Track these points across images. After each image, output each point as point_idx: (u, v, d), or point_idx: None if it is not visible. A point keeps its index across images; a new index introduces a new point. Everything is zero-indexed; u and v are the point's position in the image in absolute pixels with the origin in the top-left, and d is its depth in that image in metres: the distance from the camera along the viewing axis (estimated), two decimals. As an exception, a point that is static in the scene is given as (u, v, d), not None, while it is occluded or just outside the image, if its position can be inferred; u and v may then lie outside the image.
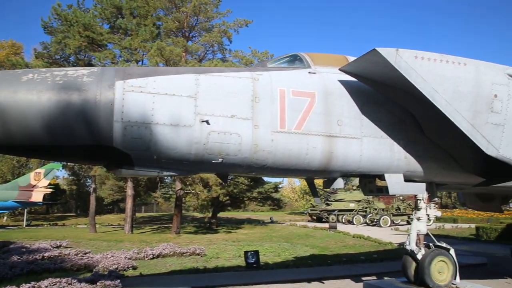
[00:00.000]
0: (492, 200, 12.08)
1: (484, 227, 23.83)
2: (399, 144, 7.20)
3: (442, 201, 66.38)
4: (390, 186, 7.28)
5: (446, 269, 7.63)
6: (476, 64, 6.90)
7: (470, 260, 14.42)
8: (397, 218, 35.81)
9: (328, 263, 14.00)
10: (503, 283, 10.61)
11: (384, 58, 6.16)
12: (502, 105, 6.94)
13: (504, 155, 6.94)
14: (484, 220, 34.42)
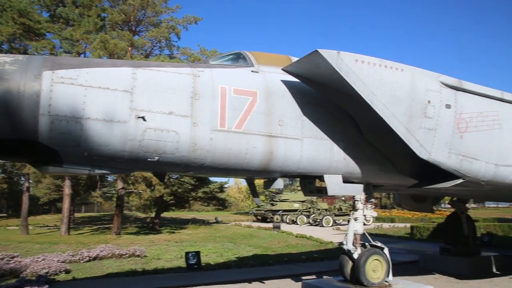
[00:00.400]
0: (425, 201, 12.71)
1: (418, 226, 25.12)
2: (339, 146, 7.33)
3: (381, 201, 69.33)
4: (329, 187, 7.39)
5: (380, 267, 7.86)
6: (412, 70, 7.17)
7: (403, 258, 15.12)
8: (339, 218, 36.83)
9: (270, 263, 14.08)
10: (432, 279, 11.18)
11: (326, 60, 6.23)
12: (434, 110, 7.25)
13: (435, 159, 7.25)
14: (419, 220, 36.27)
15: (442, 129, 7.32)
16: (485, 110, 7.99)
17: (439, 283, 10.53)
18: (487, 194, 11.72)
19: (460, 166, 7.53)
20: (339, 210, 38.41)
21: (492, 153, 7.92)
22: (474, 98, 7.93)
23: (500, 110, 8.22)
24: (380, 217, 41.96)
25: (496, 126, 8.07)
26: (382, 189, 9.94)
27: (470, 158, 7.63)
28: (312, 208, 39.35)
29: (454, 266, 12.23)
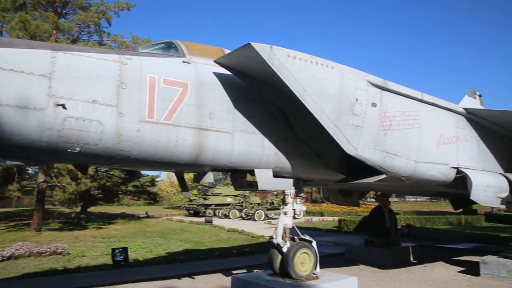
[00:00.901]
0: (352, 195, 13.26)
1: (345, 220, 26.27)
2: (270, 141, 7.34)
3: (312, 195, 71.65)
4: (260, 182, 7.38)
5: (308, 260, 8.01)
6: (341, 68, 7.36)
7: (331, 250, 15.69)
8: (271, 212, 37.46)
9: (201, 258, 13.92)
10: (356, 270, 11.67)
11: (258, 53, 6.19)
12: (361, 108, 7.51)
13: (361, 155, 7.54)
14: (346, 214, 37.96)
15: (368, 126, 7.61)
16: (407, 110, 8.45)
17: (363, 273, 11.02)
18: (407, 189, 12.45)
19: (384, 162, 7.90)
20: (271, 204, 39.05)
21: (412, 150, 8.40)
22: (398, 98, 8.35)
23: (420, 110, 8.74)
24: (310, 211, 43.41)
25: (416, 125, 8.57)
26: (311, 184, 10.18)
27: (392, 155, 8.03)
28: (244, 202, 39.62)
29: (377, 257, 12.87)
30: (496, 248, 15.04)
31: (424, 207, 61.36)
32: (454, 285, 9.56)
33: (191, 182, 12.23)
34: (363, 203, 48.08)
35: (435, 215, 32.02)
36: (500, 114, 9.95)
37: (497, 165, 10.59)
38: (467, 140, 9.92)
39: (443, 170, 9.12)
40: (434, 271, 11.46)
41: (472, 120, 10.18)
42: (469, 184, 9.17)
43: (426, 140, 8.78)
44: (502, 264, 10.09)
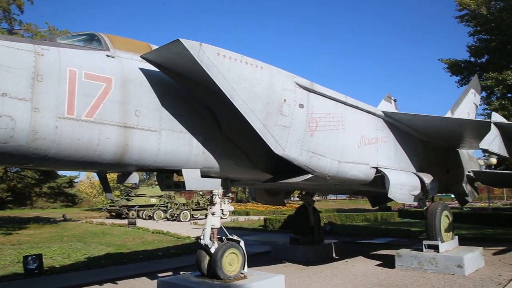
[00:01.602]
0: (278, 195, 13.50)
1: (270, 219, 26.74)
2: (198, 140, 7.18)
3: (237, 195, 72.16)
4: (187, 182, 7.19)
5: (236, 260, 8.00)
6: (270, 69, 7.43)
7: (257, 249, 15.86)
8: (196, 213, 37.13)
9: (123, 261, 13.37)
10: (282, 267, 11.90)
11: (188, 50, 6.01)
12: (289, 109, 7.64)
13: (288, 155, 7.66)
14: (271, 213, 38.71)
15: (296, 127, 7.76)
16: (332, 112, 8.76)
17: (289, 271, 11.25)
18: (331, 188, 12.95)
19: (310, 162, 8.11)
20: (197, 204, 38.71)
21: (336, 151, 8.73)
22: (323, 100, 8.63)
23: (343, 112, 9.12)
24: (236, 211, 43.66)
25: (340, 126, 8.93)
26: (239, 184, 10.18)
27: (318, 155, 8.28)
28: (169, 203, 38.91)
29: (302, 254, 13.23)
30: (408, 241, 16.23)
31: (344, 205, 64.65)
32: (372, 278, 10.10)
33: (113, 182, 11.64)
34: (288, 202, 49.43)
35: (354, 212, 33.81)
36: (413, 118, 10.71)
37: (410, 165, 11.41)
38: (385, 141, 10.56)
39: (364, 169, 9.61)
40: (354, 265, 12.03)
41: (390, 122, 10.86)
42: (387, 183, 9.76)
43: (349, 141, 9.18)
44: (414, 257, 10.86)
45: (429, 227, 11.20)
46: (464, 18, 27.47)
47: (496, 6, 25.62)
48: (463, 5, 26.73)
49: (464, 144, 13.24)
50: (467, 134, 11.68)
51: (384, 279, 9.95)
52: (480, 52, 27.34)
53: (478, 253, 11.15)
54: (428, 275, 10.14)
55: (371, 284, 9.41)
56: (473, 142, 12.34)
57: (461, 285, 9.03)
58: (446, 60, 28.84)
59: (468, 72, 27.72)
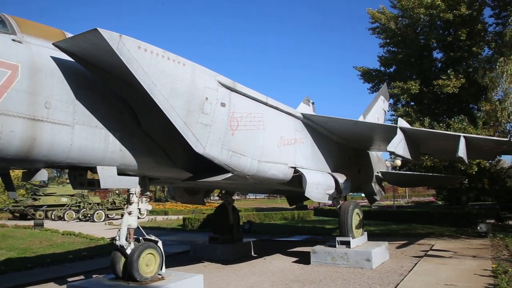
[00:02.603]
0: (198, 194, 13.36)
1: (189, 218, 26.47)
2: (115, 136, 6.82)
3: (156, 194, 70.38)
4: (103, 180, 6.81)
5: (154, 261, 7.79)
6: (193, 66, 7.33)
7: (176, 249, 15.61)
8: (112, 212, 35.57)
9: (28, 266, 12.34)
10: (201, 267, 11.84)
11: (106, 41, 5.70)
12: (211, 107, 7.61)
13: (209, 153, 7.63)
14: (190, 212, 38.34)
15: (217, 125, 7.75)
16: (253, 112, 8.90)
17: (208, 270, 11.21)
18: (250, 187, 13.13)
19: (231, 161, 8.15)
20: (113, 204, 37.11)
21: (256, 150, 8.88)
22: (245, 100, 8.73)
23: (264, 113, 9.31)
24: (154, 210, 42.61)
25: (261, 126, 9.10)
26: (157, 182, 9.91)
27: (239, 154, 8.35)
28: (82, 203, 36.80)
29: (221, 253, 13.28)
30: (322, 238, 17.01)
31: (263, 204, 66.10)
32: (289, 274, 10.43)
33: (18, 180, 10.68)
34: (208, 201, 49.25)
35: (273, 211, 34.66)
36: (329, 120, 11.27)
37: (326, 165, 11.98)
38: (303, 142, 10.97)
39: (283, 169, 9.89)
40: (272, 263, 12.34)
41: (308, 124, 11.31)
42: (304, 182, 10.15)
43: (269, 141, 9.39)
44: (327, 252, 11.42)
45: (342, 224, 11.84)
46: (376, 30, 29.54)
47: (402, 22, 27.95)
48: (375, 19, 28.76)
49: (374, 147, 14.25)
50: (377, 137, 12.58)
51: (300, 275, 10.32)
52: (388, 62, 29.57)
53: (384, 248, 12.04)
54: (341, 269, 10.72)
55: (287, 280, 9.70)
56: (381, 145, 13.31)
57: (369, 278, 9.67)
58: (359, 68, 30.74)
59: (379, 80, 29.82)
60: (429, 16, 26.36)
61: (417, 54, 27.92)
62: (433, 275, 9.47)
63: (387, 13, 28.48)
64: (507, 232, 17.35)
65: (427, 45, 27.81)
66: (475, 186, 30.48)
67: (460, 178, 23.52)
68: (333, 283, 9.25)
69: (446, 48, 27.44)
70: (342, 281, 9.43)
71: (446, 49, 27.46)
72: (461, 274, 9.53)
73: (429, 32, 27.21)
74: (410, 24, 27.61)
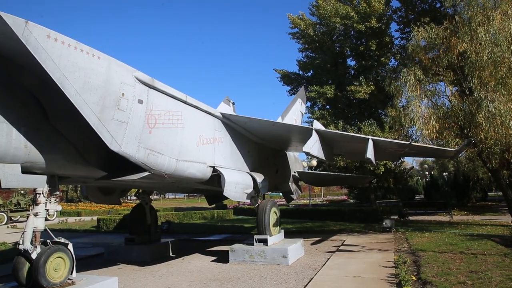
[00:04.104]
0: (113, 193, 12.81)
1: (104, 219, 25.32)
2: (19, 131, 6.33)
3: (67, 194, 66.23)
4: (4, 178, 6.27)
5: (63, 265, 7.34)
6: (109, 60, 7.04)
7: (89, 252, 14.86)
8: (16, 215, 32.80)
9: None
10: (116, 269, 11.41)
11: (9, 27, 5.26)
12: (127, 104, 7.37)
13: (125, 151, 7.36)
14: (105, 213, 36.66)
15: (134, 123, 7.53)
16: (172, 110, 8.78)
17: (123, 272, 10.85)
18: (168, 186, 12.90)
19: (148, 159, 7.95)
20: (17, 205, 34.18)
21: (175, 149, 8.77)
22: (164, 97, 8.58)
23: (183, 111, 9.22)
24: (65, 211, 40.26)
25: (180, 125, 9.00)
26: (69, 181, 9.32)
27: (156, 153, 8.18)
28: (-18, 204, 33.38)
29: (137, 254, 12.90)
30: (241, 237, 17.24)
31: (182, 203, 65.24)
32: (208, 273, 10.44)
33: None
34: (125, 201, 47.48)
35: (192, 210, 34.39)
36: (249, 121, 11.48)
37: (244, 165, 12.18)
38: (222, 141, 11.05)
39: (202, 168, 9.87)
40: (191, 262, 12.26)
41: (227, 124, 11.41)
42: (223, 182, 10.22)
43: (188, 140, 9.32)
44: (246, 251, 11.62)
45: (260, 222, 12.11)
46: (295, 35, 30.69)
47: (320, 30, 29.39)
48: (294, 24, 29.89)
49: (291, 147, 14.79)
50: (293, 138, 13.07)
51: (218, 273, 10.38)
52: (307, 67, 30.90)
53: (299, 244, 12.55)
54: (258, 266, 10.97)
55: (206, 280, 9.71)
56: (298, 146, 13.86)
57: (285, 274, 10.02)
58: (279, 71, 31.72)
59: (297, 83, 31.04)
60: (344, 26, 28.05)
61: (333, 61, 29.57)
62: (343, 268, 10.07)
63: (306, 20, 29.77)
64: (408, 226, 18.96)
65: (342, 52, 29.57)
66: (382, 185, 33.04)
67: (369, 177, 25.31)
68: (250, 280, 9.44)
69: (358, 57, 29.42)
70: (260, 278, 9.66)
71: (358, 57, 29.44)
72: (368, 266, 10.26)
73: (343, 40, 28.94)
74: (327, 32, 29.13)
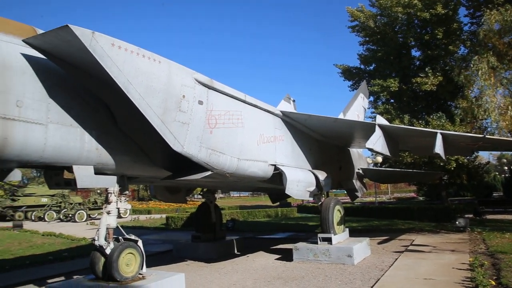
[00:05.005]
0: (179, 192, 13.29)
1: (172, 217, 26.32)
2: (91, 135, 6.76)
3: (139, 193, 69.77)
4: (79, 179, 6.72)
5: (134, 260, 7.72)
6: (169, 63, 7.29)
7: (159, 248, 15.52)
8: (94, 212, 35.15)
9: (6, 269, 12.12)
10: (184, 266, 11.81)
11: (78, 38, 5.62)
12: (188, 105, 7.58)
13: (187, 151, 7.59)
14: (174, 211, 38.11)
15: (195, 123, 7.72)
16: (232, 109, 8.90)
17: (190, 269, 11.18)
18: (231, 185, 13.13)
19: (209, 159, 8.13)
20: (94, 203, 36.66)
21: (235, 148, 8.88)
22: (223, 98, 8.72)
23: (243, 110, 9.31)
24: (137, 209, 42.29)
25: (240, 124, 9.11)
26: (137, 181, 9.81)
27: (218, 152, 8.34)
28: (63, 203, 36.29)
29: (204, 251, 13.24)
30: (305, 235, 17.12)
31: (247, 201, 66.08)
32: (272, 272, 10.46)
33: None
34: (191, 200, 49.08)
35: (256, 209, 34.71)
36: (309, 118, 11.34)
37: (306, 162, 12.06)
38: (283, 140, 11.02)
39: (263, 167, 9.91)
40: (255, 260, 12.36)
41: (287, 122, 11.36)
42: (284, 180, 10.19)
43: (248, 139, 9.40)
44: (310, 249, 11.50)
45: (323, 220, 11.92)
46: (355, 28, 29.84)
47: (381, 21, 28.30)
48: (354, 17, 29.08)
49: (354, 144, 14.40)
50: (356, 134, 12.71)
51: (282, 272, 10.37)
52: (368, 60, 29.93)
53: (365, 243, 12.18)
54: (323, 265, 10.81)
55: (270, 278, 9.74)
56: (361, 142, 13.46)
57: (350, 273, 9.78)
58: (340, 66, 31.02)
59: (359, 78, 30.18)
60: (406, 15, 26.78)
61: (396, 52, 28.35)
62: (413, 269, 9.62)
63: (366, 12, 28.84)
64: (484, 226, 17.72)
65: (406, 43, 28.26)
66: (454, 181, 31.13)
67: (439, 174, 23.98)
68: (315, 279, 9.32)
69: (423, 47, 27.94)
70: (324, 277, 9.50)
71: (423, 47, 27.96)
72: (440, 268, 9.71)
73: (407, 30, 27.65)
74: (388, 23, 28.00)
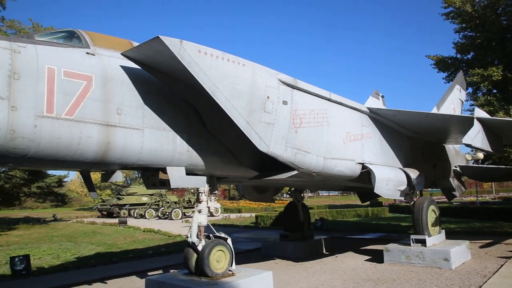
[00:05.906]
0: (266, 192, 13.51)
1: (262, 216, 26.81)
2: (182, 138, 7.17)
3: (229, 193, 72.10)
4: (172, 180, 7.18)
5: (224, 257, 7.99)
6: (253, 66, 7.43)
7: (248, 246, 15.92)
8: (188, 211, 37.09)
9: (113, 261, 13.35)
10: (272, 264, 11.97)
11: (168, 48, 6.00)
12: (273, 106, 7.66)
13: (273, 151, 7.68)
14: (263, 210, 38.76)
15: (280, 123, 7.78)
16: (316, 108, 8.79)
17: (278, 267, 11.31)
18: (318, 184, 12.99)
19: (295, 158, 8.14)
20: (188, 202, 38.70)
21: (321, 147, 8.77)
22: (308, 97, 8.65)
23: (328, 109, 9.15)
24: (228, 208, 43.70)
25: (325, 123, 8.97)
26: (226, 181, 10.18)
27: (303, 152, 8.31)
28: (161, 201, 38.88)
29: (292, 250, 13.29)
30: (397, 236, 16.33)
31: (336, 201, 64.96)
32: (361, 273, 10.17)
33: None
34: (279, 199, 49.51)
35: (346, 208, 33.95)
36: (397, 113, 10.79)
37: (396, 160, 11.49)
38: (371, 137, 10.62)
39: (350, 165, 9.66)
40: (344, 261, 12.10)
41: (375, 118, 10.92)
42: (373, 179, 9.82)
43: (334, 137, 9.22)
44: (402, 251, 10.96)
45: (416, 221, 11.28)
46: (450, 15, 27.64)
47: (480, 4, 25.82)
48: (448, 2, 26.91)
49: (450, 139, 13.37)
50: (451, 129, 11.79)
51: (372, 273, 10.03)
52: (466, 48, 27.53)
53: (464, 247, 11.27)
54: (416, 269, 10.24)
55: (359, 279, 9.47)
56: (458, 137, 12.45)
57: (447, 278, 9.13)
58: (433, 57, 29.00)
59: (455, 68, 27.88)
60: (511, -6, 24.16)
61: (498, 37, 25.67)
62: (522, 277, 8.71)
63: (462, -4, 26.54)
64: None
65: (510, 26, 25.46)
66: None
67: (553, 170, 21.30)
68: (407, 283, 8.86)
69: (532, 28, 24.97)
70: (418, 281, 9.00)
71: (532, 29, 24.99)
72: (555, 276, 8.66)
73: (512, 11, 24.92)
74: (489, 5, 25.42)
